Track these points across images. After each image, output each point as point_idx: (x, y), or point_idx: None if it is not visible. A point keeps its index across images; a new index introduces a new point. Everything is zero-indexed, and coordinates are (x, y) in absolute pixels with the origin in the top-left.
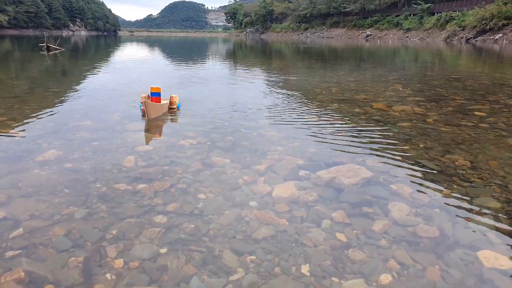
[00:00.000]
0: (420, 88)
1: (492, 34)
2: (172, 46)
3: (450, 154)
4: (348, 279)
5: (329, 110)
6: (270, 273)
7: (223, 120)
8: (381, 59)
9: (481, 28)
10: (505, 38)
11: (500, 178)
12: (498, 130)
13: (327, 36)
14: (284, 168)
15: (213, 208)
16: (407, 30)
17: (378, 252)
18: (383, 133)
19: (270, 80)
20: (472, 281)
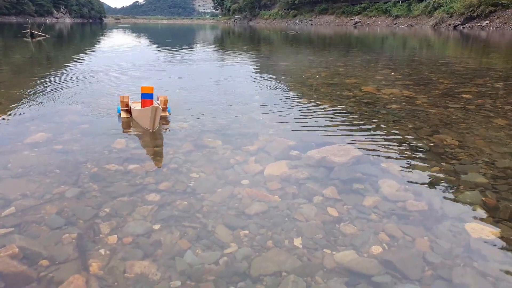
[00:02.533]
0: (408, 72)
1: (479, 21)
2: (159, 34)
3: (439, 134)
4: (339, 250)
5: (319, 94)
6: (263, 246)
7: (213, 104)
8: (370, 45)
9: (469, 15)
10: (491, 25)
11: (487, 155)
12: (485, 111)
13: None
14: (275, 148)
15: (206, 187)
16: (395, 17)
17: (369, 225)
18: (373, 115)
19: (260, 65)
20: (460, 251)
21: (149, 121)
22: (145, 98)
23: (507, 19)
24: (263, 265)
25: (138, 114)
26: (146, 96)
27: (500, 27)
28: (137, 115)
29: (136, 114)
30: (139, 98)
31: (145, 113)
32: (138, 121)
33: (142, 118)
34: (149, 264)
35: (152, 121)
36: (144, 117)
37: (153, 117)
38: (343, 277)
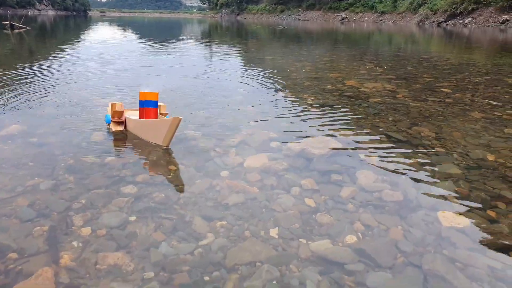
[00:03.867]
0: (392, 67)
1: (462, 18)
2: (145, 27)
3: (417, 126)
4: (315, 240)
5: (302, 88)
6: (240, 236)
7: (197, 96)
8: (355, 41)
9: (452, 12)
10: (474, 22)
11: (462, 147)
12: (463, 105)
13: (303, 18)
14: (256, 141)
15: (184, 178)
16: (381, 13)
17: (345, 215)
18: (354, 108)
19: (246, 59)
20: (432, 239)
21: (163, 135)
22: (147, 106)
23: (488, 17)
24: (239, 255)
25: (140, 126)
26: (148, 103)
27: (481, 24)
28: (138, 127)
29: (136, 126)
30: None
31: (154, 126)
32: (140, 134)
33: (149, 131)
34: (123, 255)
35: (169, 136)
36: (152, 130)
37: (172, 131)
38: (317, 265)
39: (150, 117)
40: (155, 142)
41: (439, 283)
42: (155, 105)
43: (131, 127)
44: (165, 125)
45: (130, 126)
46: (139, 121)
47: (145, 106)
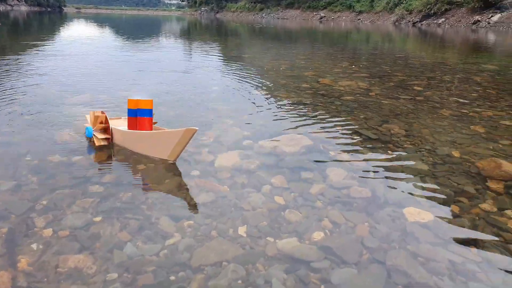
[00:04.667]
0: (366, 66)
1: (436, 18)
2: (123, 24)
3: (388, 123)
4: (282, 238)
5: (277, 86)
6: (207, 236)
7: (170, 93)
8: (333, 39)
9: (426, 13)
10: (447, 22)
11: (430, 144)
12: (432, 103)
13: (282, 17)
14: (229, 139)
15: (153, 178)
16: (359, 12)
17: (313, 212)
18: (327, 106)
19: (223, 57)
20: (397, 235)
21: (170, 149)
22: (141, 115)
23: (460, 17)
24: (205, 255)
25: (137, 139)
26: (142, 112)
27: (454, 24)
28: (132, 139)
29: (130, 138)
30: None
31: (159, 138)
32: (135, 147)
33: (149, 144)
34: (85, 257)
35: (178, 150)
36: (154, 142)
37: (183, 145)
38: (284, 263)
39: (145, 127)
40: (158, 157)
41: (401, 278)
42: (150, 114)
43: (121, 140)
44: (174, 137)
45: (120, 138)
46: (134, 133)
47: (139, 115)
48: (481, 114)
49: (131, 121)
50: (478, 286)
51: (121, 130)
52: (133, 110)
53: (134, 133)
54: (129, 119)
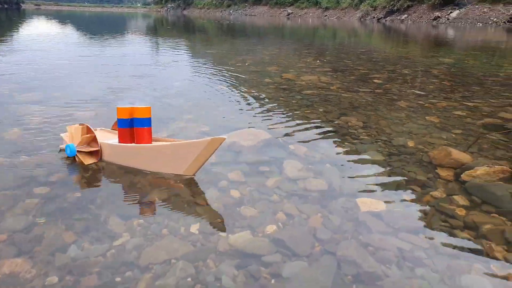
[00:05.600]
0: (330, 60)
1: (399, 14)
2: (87, 22)
3: (346, 116)
4: (235, 233)
5: (239, 81)
6: (157, 234)
7: (129, 89)
8: (300, 36)
9: (390, 9)
10: (409, 18)
11: (386, 135)
12: (391, 95)
13: (250, 13)
14: (187, 135)
15: (104, 177)
16: (325, 9)
17: (269, 206)
18: (288, 100)
19: (188, 53)
20: (349, 225)
21: (189, 162)
22: (139, 125)
23: (422, 14)
24: (154, 254)
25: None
26: (139, 122)
27: (416, 20)
28: (134, 153)
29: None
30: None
31: (174, 150)
32: (136, 163)
33: (160, 158)
34: (23, 261)
35: (200, 162)
36: (168, 156)
37: (206, 157)
38: (235, 259)
39: (144, 139)
40: (170, 172)
41: (350, 269)
42: (149, 123)
43: (117, 156)
44: (195, 149)
45: (115, 154)
46: (137, 147)
47: (135, 125)
48: (436, 105)
49: (123, 133)
50: (424, 271)
51: (118, 144)
52: (125, 120)
53: (141, 147)
54: (121, 130)
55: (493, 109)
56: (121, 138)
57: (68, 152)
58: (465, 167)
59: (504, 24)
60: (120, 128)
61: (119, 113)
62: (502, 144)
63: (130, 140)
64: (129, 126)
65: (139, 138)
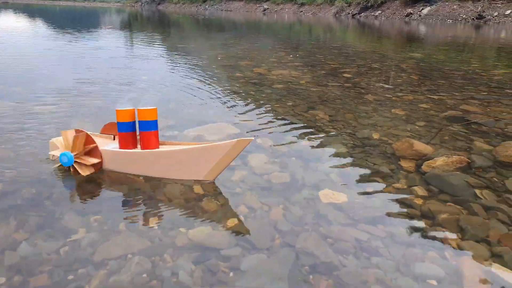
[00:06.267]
0: (302, 55)
1: (373, 10)
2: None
3: (313, 110)
4: (195, 227)
5: (210, 75)
6: (114, 230)
7: (94, 84)
8: (275, 31)
9: (364, 5)
10: (383, 14)
11: (352, 127)
12: (359, 89)
13: (226, 9)
14: None
15: (60, 172)
16: (301, 4)
17: (231, 200)
18: (257, 94)
19: (161, 48)
20: (310, 217)
21: (210, 166)
22: (144, 129)
23: (395, 10)
24: (109, 249)
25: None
26: (145, 126)
27: (390, 16)
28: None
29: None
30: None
31: (193, 154)
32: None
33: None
34: None
35: (222, 166)
36: (185, 161)
37: (231, 159)
38: (193, 253)
39: (152, 144)
40: (188, 178)
41: (307, 260)
42: (156, 126)
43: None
44: (219, 152)
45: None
46: (152, 153)
47: (141, 129)
48: (403, 98)
49: (125, 138)
50: (380, 260)
51: (129, 151)
52: (126, 123)
53: (158, 153)
54: (122, 135)
55: (456, 102)
56: (123, 143)
57: (64, 161)
58: (426, 158)
59: (473, 20)
60: (122, 132)
61: (119, 116)
62: (462, 136)
63: (133, 145)
64: (131, 130)
65: (146, 142)
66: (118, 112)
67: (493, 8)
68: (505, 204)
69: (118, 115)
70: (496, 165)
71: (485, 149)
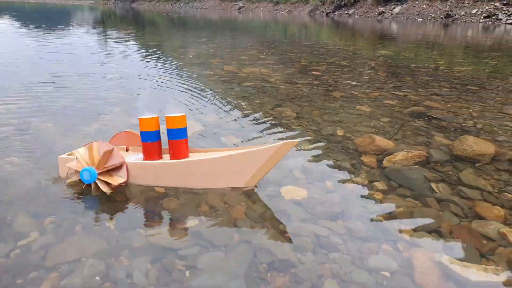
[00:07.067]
0: (273, 53)
1: (347, 9)
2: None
3: (281, 107)
4: (154, 227)
5: (179, 73)
6: (69, 232)
7: (59, 83)
8: (248, 29)
9: (338, 3)
10: (356, 13)
11: (317, 124)
12: (327, 86)
13: (201, 7)
14: (113, 128)
15: (16, 173)
16: (276, 3)
17: (193, 199)
18: (226, 92)
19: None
20: (270, 214)
21: (252, 172)
22: (173, 138)
23: (368, 9)
24: (63, 252)
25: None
26: (175, 134)
27: (363, 15)
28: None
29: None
30: None
31: (233, 161)
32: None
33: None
34: None
35: (264, 171)
36: (231, 168)
37: (273, 163)
38: (150, 254)
39: (182, 153)
40: (228, 186)
41: (265, 257)
42: (185, 134)
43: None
44: (262, 156)
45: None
46: (189, 163)
47: (172, 137)
48: (369, 95)
49: (150, 148)
50: (337, 255)
51: (158, 163)
52: (151, 133)
53: (193, 162)
54: (146, 146)
55: (419, 98)
56: (148, 154)
57: (86, 178)
58: (387, 153)
59: (442, 19)
60: (146, 142)
61: (143, 125)
62: (423, 131)
63: (159, 155)
64: (156, 139)
65: (176, 151)
66: (141, 121)
67: (460, 7)
68: (458, 196)
69: (141, 124)
70: (452, 159)
71: (444, 143)
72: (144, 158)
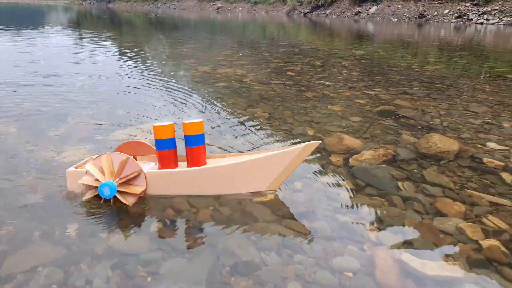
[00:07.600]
0: (249, 54)
1: (324, 9)
2: None
3: (253, 108)
4: (117, 233)
5: (151, 73)
6: (27, 240)
7: (29, 85)
8: (226, 29)
9: (315, 4)
10: (333, 13)
11: (288, 124)
12: (300, 86)
13: (179, 7)
14: (80, 131)
15: None
16: (254, 3)
17: (158, 202)
18: (199, 92)
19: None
20: (237, 216)
21: (275, 175)
22: (191, 145)
23: (344, 9)
24: (19, 262)
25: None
26: (193, 141)
27: (340, 15)
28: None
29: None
30: None
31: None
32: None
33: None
34: None
35: (286, 174)
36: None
37: (298, 164)
38: (112, 260)
39: (201, 160)
40: (249, 191)
41: (229, 259)
42: (203, 140)
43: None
44: (285, 159)
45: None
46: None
47: (189, 144)
48: (341, 94)
49: (166, 157)
50: (301, 257)
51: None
52: (167, 140)
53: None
54: (162, 154)
55: (390, 97)
56: (164, 163)
57: (106, 194)
58: (354, 152)
59: (415, 19)
60: (161, 151)
61: (158, 132)
62: (392, 129)
63: (175, 163)
64: (172, 147)
65: (195, 159)
66: (156, 129)
67: (433, 7)
68: (421, 193)
69: (156, 132)
70: (418, 157)
71: (411, 141)
72: (160, 167)
